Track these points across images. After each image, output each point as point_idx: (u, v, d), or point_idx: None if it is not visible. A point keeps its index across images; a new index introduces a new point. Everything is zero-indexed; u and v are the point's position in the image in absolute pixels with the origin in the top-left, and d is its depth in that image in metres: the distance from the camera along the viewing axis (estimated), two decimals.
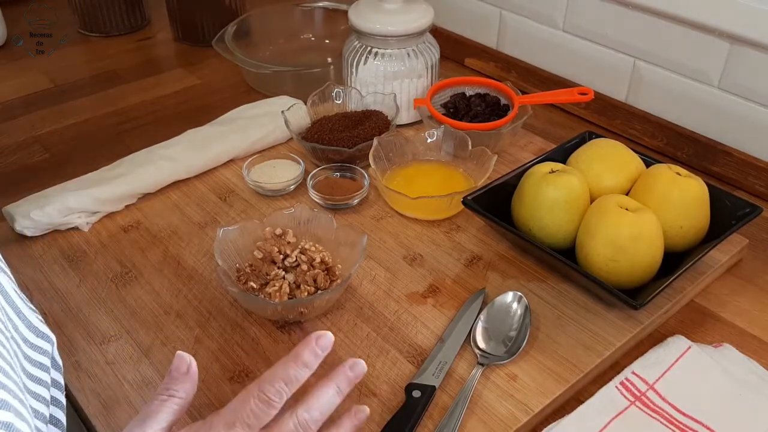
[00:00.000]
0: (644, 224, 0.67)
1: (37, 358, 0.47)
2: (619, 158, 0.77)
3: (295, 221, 0.74)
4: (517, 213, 0.75)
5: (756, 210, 0.73)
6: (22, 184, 0.87)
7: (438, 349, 0.65)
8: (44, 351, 0.48)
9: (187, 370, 0.48)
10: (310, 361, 0.48)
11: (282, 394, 0.46)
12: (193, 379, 0.48)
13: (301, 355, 0.48)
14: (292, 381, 0.47)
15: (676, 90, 0.93)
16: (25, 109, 1.06)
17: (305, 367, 0.48)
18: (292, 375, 0.47)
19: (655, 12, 0.91)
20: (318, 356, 0.48)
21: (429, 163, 0.88)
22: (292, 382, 0.47)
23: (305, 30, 1.22)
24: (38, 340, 0.48)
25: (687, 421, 0.59)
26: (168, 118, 1.03)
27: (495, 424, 0.59)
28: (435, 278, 0.74)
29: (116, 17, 1.28)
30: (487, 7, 1.12)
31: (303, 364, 0.48)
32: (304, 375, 0.48)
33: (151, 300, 0.71)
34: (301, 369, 0.48)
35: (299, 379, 0.47)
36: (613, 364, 0.66)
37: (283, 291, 0.66)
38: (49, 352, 0.48)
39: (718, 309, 0.72)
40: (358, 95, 0.95)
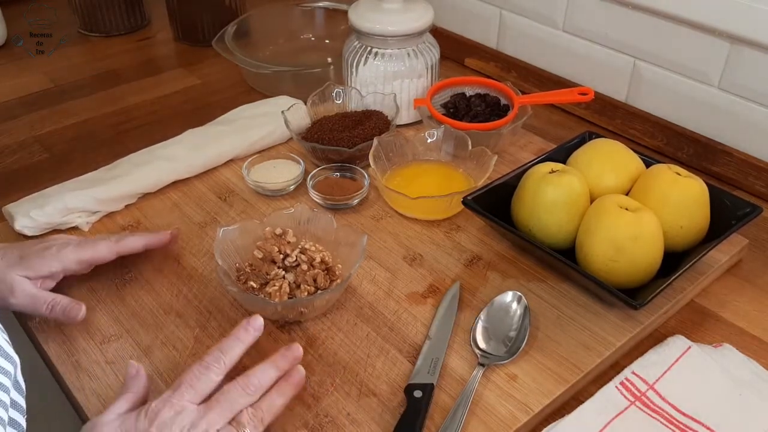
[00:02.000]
0: (644, 224, 0.67)
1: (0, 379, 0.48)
2: (619, 158, 0.77)
3: (295, 221, 0.74)
4: (517, 213, 0.75)
5: (756, 210, 0.73)
6: (22, 184, 0.87)
7: (427, 347, 0.65)
8: (6, 372, 0.49)
9: (135, 372, 0.58)
10: (243, 336, 0.58)
11: (219, 360, 0.56)
12: (142, 378, 0.58)
13: (236, 332, 0.58)
14: (226, 351, 0.56)
15: (676, 90, 0.93)
16: (25, 109, 1.06)
17: (238, 341, 0.58)
18: (226, 346, 0.57)
19: (655, 12, 0.91)
20: (248, 333, 0.58)
21: (429, 163, 0.88)
22: (226, 352, 0.56)
23: (305, 30, 1.22)
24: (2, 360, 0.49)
25: (687, 421, 0.59)
26: (168, 118, 1.04)
27: (495, 424, 0.59)
28: (435, 278, 0.74)
29: (116, 17, 1.28)
30: (487, 7, 1.12)
31: (236, 338, 0.58)
32: (238, 347, 0.57)
33: (151, 300, 0.71)
34: (234, 341, 0.57)
35: (233, 349, 0.57)
36: (613, 364, 0.66)
37: (283, 291, 0.66)
38: (11, 373, 0.50)
39: (718, 309, 0.72)
40: (358, 95, 0.95)
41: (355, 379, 0.63)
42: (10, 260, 0.66)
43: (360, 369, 0.63)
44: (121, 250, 0.71)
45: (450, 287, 0.72)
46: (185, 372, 0.55)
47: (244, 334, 0.58)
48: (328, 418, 0.59)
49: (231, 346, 0.57)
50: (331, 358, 0.65)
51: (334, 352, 0.65)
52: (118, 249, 0.71)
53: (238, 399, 0.55)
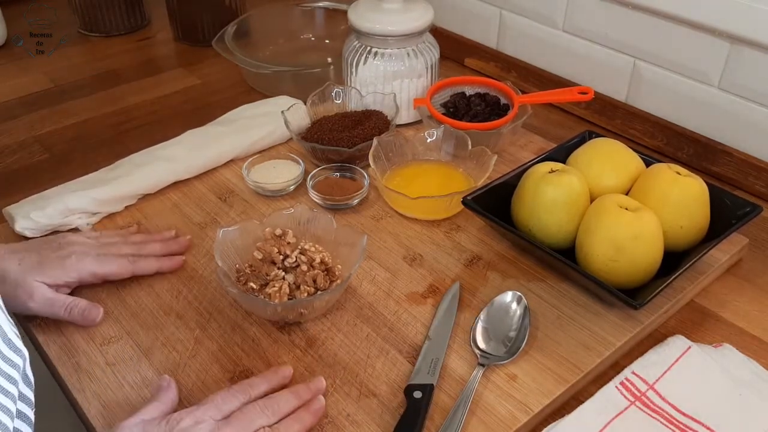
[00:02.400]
0: (644, 224, 0.67)
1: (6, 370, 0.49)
2: (619, 158, 0.77)
3: (295, 221, 0.74)
4: (516, 213, 0.75)
5: (756, 209, 0.73)
6: (22, 184, 0.87)
7: (427, 347, 0.65)
8: (14, 364, 0.50)
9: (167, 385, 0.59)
10: (271, 378, 0.61)
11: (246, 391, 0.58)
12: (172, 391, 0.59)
13: (266, 374, 0.61)
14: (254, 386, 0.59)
15: (676, 90, 0.93)
16: (25, 109, 1.06)
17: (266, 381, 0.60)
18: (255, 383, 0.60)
19: (655, 12, 0.91)
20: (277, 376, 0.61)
21: (429, 163, 0.88)
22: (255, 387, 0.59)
23: (305, 30, 1.22)
24: (10, 352, 0.50)
25: (687, 421, 0.59)
26: (168, 118, 1.04)
27: (495, 424, 0.59)
28: (435, 278, 0.74)
29: (116, 17, 1.28)
30: (487, 7, 1.12)
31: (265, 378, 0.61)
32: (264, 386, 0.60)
33: (151, 301, 0.71)
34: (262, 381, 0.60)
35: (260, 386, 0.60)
36: (613, 364, 0.66)
37: (283, 291, 0.66)
38: (20, 366, 0.51)
39: (718, 309, 0.72)
40: (357, 95, 0.95)
41: (355, 379, 0.63)
42: (29, 265, 0.67)
43: (360, 370, 0.64)
44: (136, 271, 0.72)
45: (450, 287, 0.72)
46: (212, 394, 0.57)
47: (273, 376, 0.61)
48: (328, 418, 0.59)
49: (258, 384, 0.60)
50: (331, 359, 0.65)
51: (334, 353, 0.65)
52: (134, 269, 0.72)
53: (256, 419, 0.56)
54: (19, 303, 0.66)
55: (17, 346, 0.51)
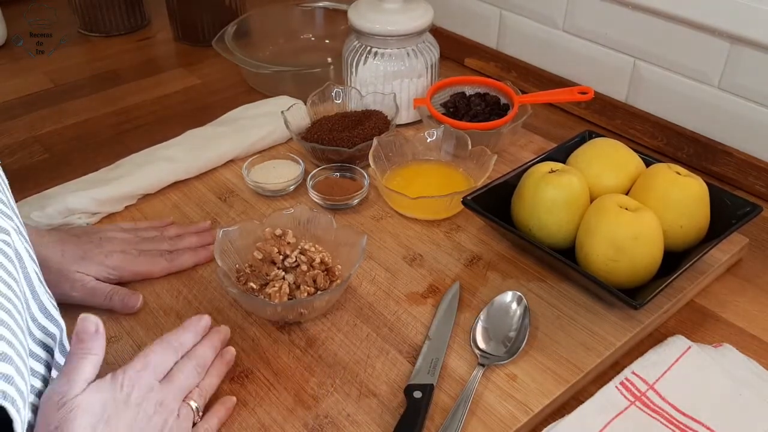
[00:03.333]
0: (644, 224, 0.67)
1: (39, 336, 0.51)
2: (619, 158, 0.77)
3: (295, 222, 0.74)
4: (516, 213, 0.75)
5: (756, 209, 0.73)
6: (22, 184, 0.87)
7: (427, 347, 0.65)
8: (50, 333, 0.52)
9: (96, 329, 0.52)
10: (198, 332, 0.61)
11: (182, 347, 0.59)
12: (103, 337, 0.52)
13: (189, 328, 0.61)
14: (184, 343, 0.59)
15: (676, 90, 0.93)
16: (25, 109, 1.06)
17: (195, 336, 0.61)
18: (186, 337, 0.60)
19: (655, 12, 0.91)
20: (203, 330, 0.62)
21: (429, 163, 0.88)
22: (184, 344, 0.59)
23: (305, 30, 1.22)
24: (46, 321, 0.52)
25: (687, 421, 0.59)
26: (168, 118, 1.04)
27: (495, 424, 0.59)
28: (435, 278, 0.74)
29: (116, 17, 1.28)
30: (487, 7, 1.12)
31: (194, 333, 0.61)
32: (193, 341, 0.60)
33: (151, 301, 0.71)
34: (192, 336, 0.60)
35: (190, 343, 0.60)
36: (613, 364, 0.66)
37: (283, 292, 0.66)
38: (55, 335, 0.52)
39: (718, 309, 0.72)
40: (357, 95, 0.95)
41: (355, 379, 0.63)
42: (72, 257, 0.68)
43: (360, 370, 0.64)
44: (175, 269, 0.74)
45: (450, 287, 0.72)
46: (149, 350, 0.56)
47: (197, 327, 0.61)
48: (328, 419, 0.59)
49: (188, 338, 0.60)
50: (331, 359, 0.65)
51: (334, 353, 0.65)
52: (172, 267, 0.73)
53: (191, 378, 0.57)
54: (60, 291, 0.66)
55: (54, 317, 0.53)
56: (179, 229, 0.78)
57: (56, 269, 0.67)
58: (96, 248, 0.71)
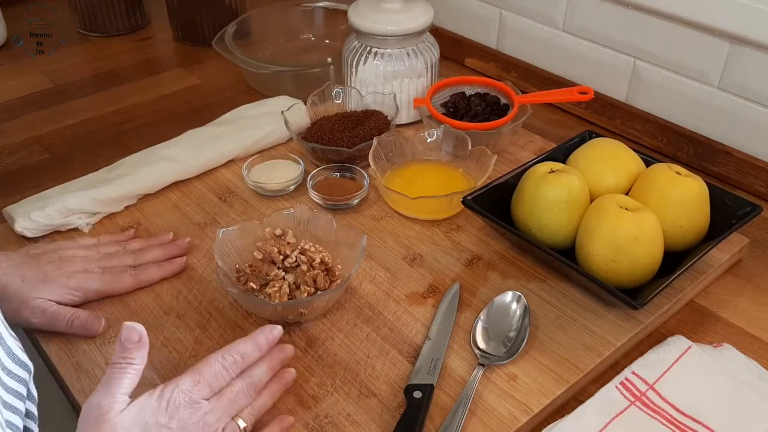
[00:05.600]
0: (644, 224, 0.67)
1: (13, 385, 0.49)
2: (619, 158, 0.77)
3: (295, 222, 0.74)
4: (516, 213, 0.75)
5: (756, 209, 0.73)
6: (22, 184, 0.87)
7: (427, 347, 0.65)
8: (21, 379, 0.50)
9: (139, 338, 0.52)
10: (263, 345, 0.59)
11: (237, 365, 0.57)
12: (146, 347, 0.53)
13: (258, 339, 0.59)
14: (245, 357, 0.57)
15: (676, 90, 0.93)
16: (25, 109, 1.06)
17: (258, 350, 0.58)
18: (248, 352, 0.58)
19: (655, 12, 0.91)
20: (269, 343, 0.59)
21: (429, 163, 0.88)
22: (245, 358, 0.57)
23: (305, 30, 1.22)
24: (16, 367, 0.50)
25: (687, 421, 0.59)
26: (168, 118, 1.04)
27: (495, 424, 0.59)
28: (435, 278, 0.74)
29: (116, 17, 1.28)
30: (487, 7, 1.12)
31: (257, 346, 0.58)
32: (255, 356, 0.58)
33: (151, 301, 0.71)
34: (255, 350, 0.58)
35: (251, 358, 0.58)
36: (613, 364, 0.66)
37: (283, 292, 0.66)
38: (26, 380, 0.51)
39: (718, 309, 0.72)
40: (357, 95, 0.95)
41: (355, 379, 0.63)
42: (33, 282, 0.66)
43: (360, 370, 0.64)
44: (140, 284, 0.72)
45: (450, 287, 0.72)
46: (205, 364, 0.55)
47: (265, 344, 0.59)
48: (328, 419, 0.59)
49: (250, 354, 0.58)
50: (331, 359, 0.65)
51: (334, 353, 0.65)
52: (138, 283, 0.72)
53: (243, 399, 0.56)
54: (21, 319, 0.65)
55: (22, 360, 0.51)
56: (143, 242, 0.76)
57: (16, 297, 0.65)
58: (56, 270, 0.68)
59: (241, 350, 0.57)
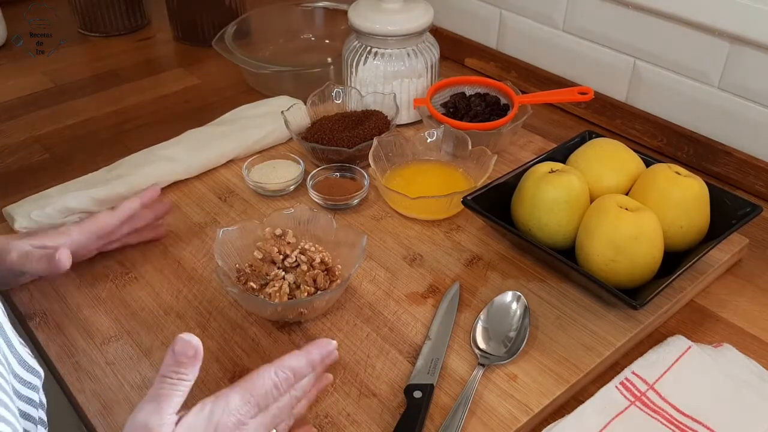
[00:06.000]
0: (644, 224, 0.67)
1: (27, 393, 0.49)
2: (619, 158, 0.77)
3: (295, 221, 0.74)
4: (516, 213, 0.75)
5: (756, 209, 0.73)
6: (22, 184, 0.87)
7: (427, 347, 0.65)
8: (33, 386, 0.50)
9: (194, 354, 0.48)
10: (316, 363, 0.53)
11: (289, 383, 0.52)
12: (200, 362, 0.49)
13: (312, 355, 0.53)
14: (297, 374, 0.52)
15: (676, 90, 0.93)
16: (25, 109, 1.06)
17: (310, 367, 0.53)
18: (301, 369, 0.52)
19: (655, 12, 0.91)
20: (323, 364, 0.54)
21: (429, 163, 0.88)
22: (297, 376, 0.52)
23: (305, 30, 1.22)
24: (27, 374, 0.49)
25: (687, 421, 0.59)
26: (168, 118, 1.04)
27: (495, 424, 0.59)
28: (435, 278, 0.74)
29: (116, 17, 1.28)
30: (487, 7, 1.12)
31: (310, 363, 0.53)
32: (307, 373, 0.53)
33: (151, 300, 0.71)
34: (308, 367, 0.53)
35: (303, 374, 0.53)
36: (613, 364, 0.66)
37: (283, 291, 0.66)
38: (38, 387, 0.50)
39: (718, 309, 0.72)
40: (357, 95, 0.95)
41: (355, 379, 0.63)
42: (20, 237, 0.68)
43: (360, 369, 0.64)
44: (122, 214, 0.71)
45: (450, 287, 0.72)
46: (257, 381, 0.51)
47: (319, 364, 0.54)
48: (328, 418, 0.59)
49: (303, 371, 0.53)
50: None
51: None
52: (119, 213, 0.71)
53: (285, 414, 0.53)
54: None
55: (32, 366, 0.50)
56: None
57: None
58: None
59: (294, 366, 0.52)
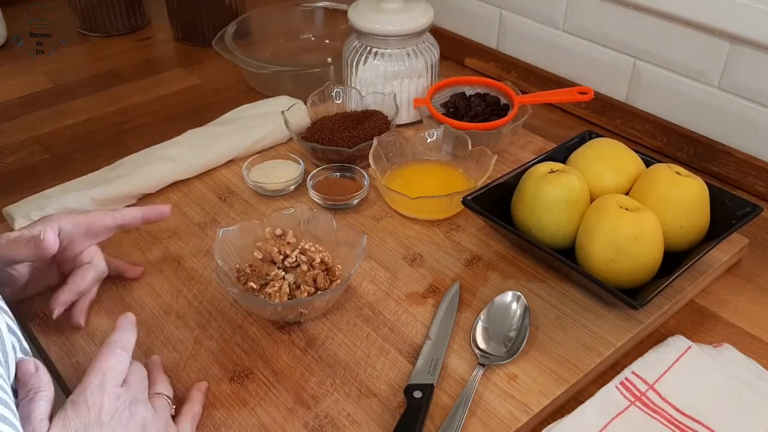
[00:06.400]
0: (644, 224, 0.67)
1: None
2: (619, 158, 0.77)
3: (295, 221, 0.74)
4: (516, 213, 0.75)
5: (756, 209, 0.73)
6: (22, 184, 0.87)
7: (427, 347, 0.65)
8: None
9: (35, 368, 0.50)
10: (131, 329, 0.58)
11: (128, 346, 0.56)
12: (45, 373, 0.51)
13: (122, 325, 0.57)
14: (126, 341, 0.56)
15: (676, 90, 0.93)
16: (25, 109, 1.06)
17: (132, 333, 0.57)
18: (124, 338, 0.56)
19: (655, 12, 0.91)
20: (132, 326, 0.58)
21: (429, 163, 0.88)
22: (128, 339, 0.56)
23: (305, 30, 1.22)
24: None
25: (687, 421, 0.59)
26: (168, 118, 1.04)
27: (495, 424, 0.59)
28: (435, 278, 0.74)
29: (116, 17, 1.28)
30: (487, 7, 1.12)
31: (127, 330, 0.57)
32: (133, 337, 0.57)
33: (151, 300, 0.71)
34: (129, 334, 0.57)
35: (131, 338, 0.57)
36: (613, 364, 0.66)
37: (283, 291, 0.66)
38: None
39: (718, 309, 0.72)
40: (358, 95, 0.95)
41: (355, 379, 0.63)
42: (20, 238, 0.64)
43: (360, 369, 0.64)
44: (119, 219, 0.70)
45: (450, 287, 0.72)
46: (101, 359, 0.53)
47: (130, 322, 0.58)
48: (328, 418, 0.59)
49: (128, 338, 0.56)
50: (331, 359, 0.65)
51: (334, 353, 0.65)
52: (118, 216, 0.69)
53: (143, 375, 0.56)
54: None
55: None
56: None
57: None
58: None
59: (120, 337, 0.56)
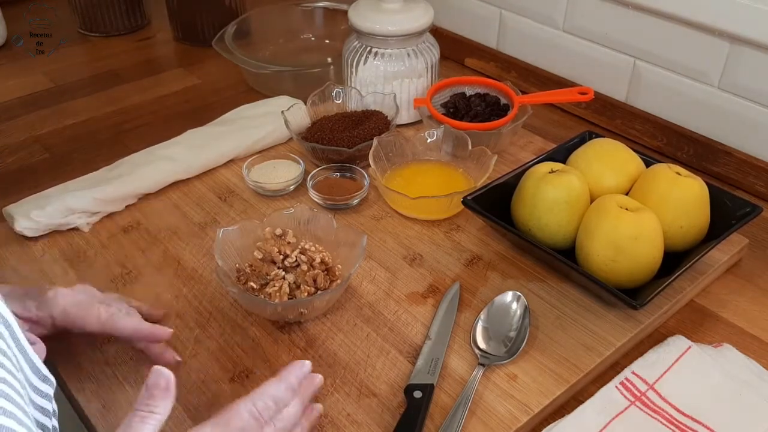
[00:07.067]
0: (644, 224, 0.67)
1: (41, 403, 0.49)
2: (619, 158, 0.77)
3: (295, 221, 0.74)
4: (516, 213, 0.75)
5: (756, 210, 0.73)
6: (22, 184, 0.87)
7: (427, 347, 0.65)
8: (46, 395, 0.49)
9: (166, 386, 0.47)
10: (295, 385, 0.54)
11: (269, 412, 0.51)
12: (172, 396, 0.48)
13: (289, 379, 0.53)
14: (278, 402, 0.52)
15: (676, 90, 0.93)
16: (25, 109, 1.06)
17: (290, 391, 0.53)
18: (280, 395, 0.52)
19: (655, 12, 0.91)
20: (308, 391, 0.55)
21: (429, 163, 0.88)
22: (278, 403, 0.52)
23: (305, 30, 1.22)
24: (41, 383, 0.49)
25: (687, 421, 0.59)
26: (168, 118, 1.04)
27: (495, 424, 0.59)
28: (435, 278, 0.74)
29: (116, 17, 1.28)
30: (487, 7, 1.12)
31: (290, 387, 0.53)
32: (289, 398, 0.53)
33: (152, 300, 0.71)
34: (288, 392, 0.53)
35: (284, 401, 0.53)
36: (613, 364, 0.66)
37: (283, 291, 0.66)
38: (50, 396, 0.50)
39: (718, 309, 0.72)
40: (358, 95, 0.95)
41: (355, 379, 0.63)
42: (14, 294, 0.61)
43: (360, 369, 0.64)
44: (108, 327, 0.61)
45: (450, 287, 0.72)
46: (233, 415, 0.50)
47: (295, 381, 0.54)
48: (328, 418, 0.59)
49: (283, 396, 0.53)
50: (331, 359, 0.65)
51: (334, 353, 0.65)
52: (109, 324, 0.61)
53: None
54: None
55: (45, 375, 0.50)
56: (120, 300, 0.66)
57: None
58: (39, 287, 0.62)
59: (272, 394, 0.52)
